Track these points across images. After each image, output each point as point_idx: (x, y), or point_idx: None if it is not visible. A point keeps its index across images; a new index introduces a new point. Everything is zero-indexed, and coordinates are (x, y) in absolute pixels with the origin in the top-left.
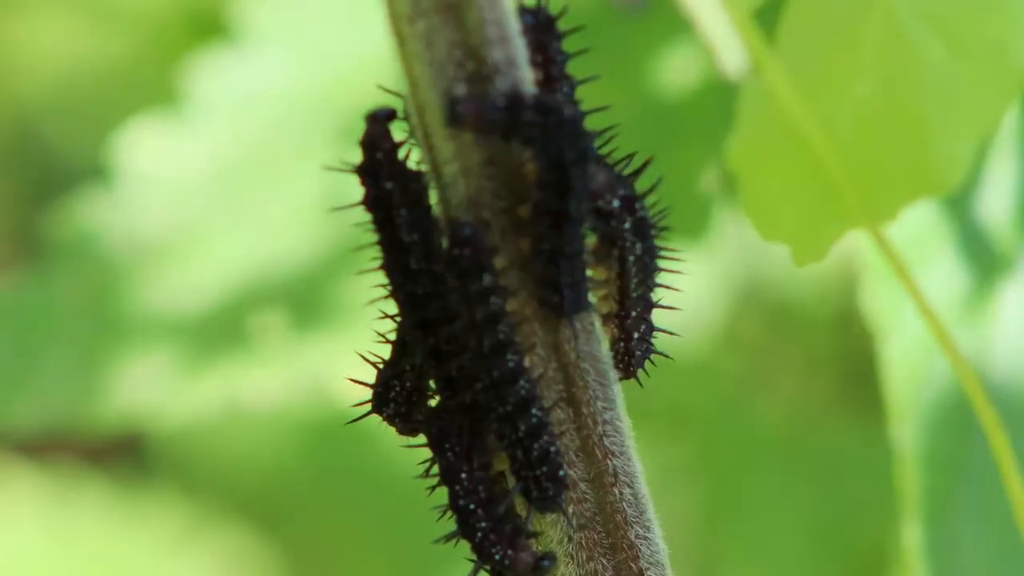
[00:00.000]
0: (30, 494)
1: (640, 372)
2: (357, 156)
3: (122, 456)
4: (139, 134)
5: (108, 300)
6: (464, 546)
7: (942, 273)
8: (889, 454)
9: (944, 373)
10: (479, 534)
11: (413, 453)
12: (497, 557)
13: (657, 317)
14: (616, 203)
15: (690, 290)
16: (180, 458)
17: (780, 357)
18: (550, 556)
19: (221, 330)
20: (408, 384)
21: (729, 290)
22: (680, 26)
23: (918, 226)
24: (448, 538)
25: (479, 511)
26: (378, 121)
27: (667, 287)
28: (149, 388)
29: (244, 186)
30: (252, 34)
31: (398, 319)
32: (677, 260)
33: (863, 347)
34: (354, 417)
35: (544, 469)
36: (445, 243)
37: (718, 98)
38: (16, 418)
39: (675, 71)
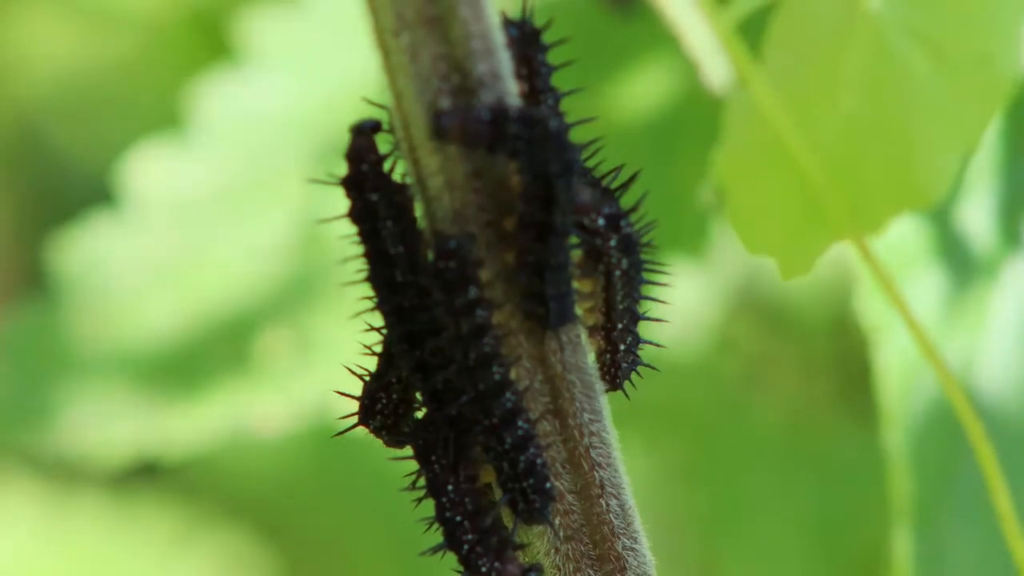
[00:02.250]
0: (27, 497)
1: (629, 381)
2: (344, 169)
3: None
4: (143, 158)
5: (112, 326)
6: (452, 558)
7: (928, 284)
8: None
9: (935, 381)
10: (466, 546)
11: (412, 460)
12: (484, 569)
13: (647, 327)
14: (601, 221)
15: (685, 293)
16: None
17: (776, 360)
18: (537, 568)
19: (223, 353)
20: (395, 396)
21: (724, 293)
22: (668, 38)
23: (903, 237)
24: (435, 550)
25: (465, 523)
26: (363, 133)
27: (655, 299)
28: (152, 415)
29: (248, 207)
30: (256, 54)
31: (384, 332)
32: (665, 272)
33: (859, 350)
34: (341, 432)
35: (531, 481)
36: (431, 256)
37: (711, 109)
38: (24, 447)
39: (666, 82)
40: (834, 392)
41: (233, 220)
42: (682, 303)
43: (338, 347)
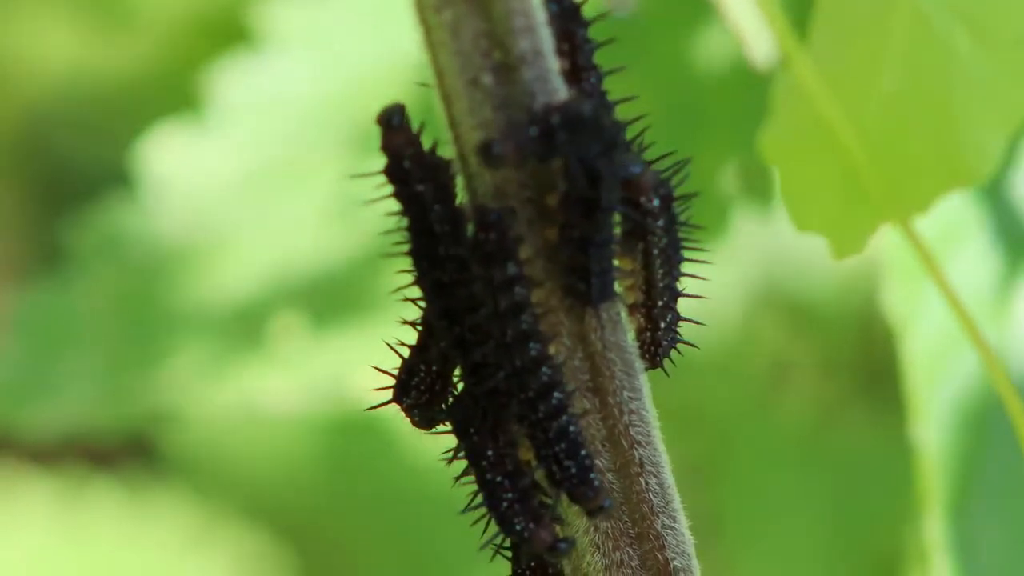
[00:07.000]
0: (41, 497)
1: (670, 359)
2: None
3: (133, 457)
4: (162, 140)
5: (130, 305)
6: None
7: (970, 263)
8: (907, 453)
9: (964, 370)
10: (504, 504)
11: (429, 459)
12: (518, 528)
13: (682, 307)
14: (656, 202)
15: (707, 288)
16: (192, 459)
17: (798, 356)
18: (569, 540)
19: (241, 333)
20: (433, 371)
21: (747, 288)
22: (707, 15)
23: (950, 215)
24: (471, 508)
25: (505, 482)
26: (393, 127)
27: (692, 276)
28: (170, 392)
29: (267, 189)
30: (275, 38)
31: (423, 306)
32: (702, 251)
33: (881, 346)
34: (373, 407)
35: (563, 446)
36: (471, 229)
37: (742, 91)
38: (36, 424)
39: (700, 63)
40: (857, 390)
41: (252, 203)
42: (704, 299)
43: (357, 333)
